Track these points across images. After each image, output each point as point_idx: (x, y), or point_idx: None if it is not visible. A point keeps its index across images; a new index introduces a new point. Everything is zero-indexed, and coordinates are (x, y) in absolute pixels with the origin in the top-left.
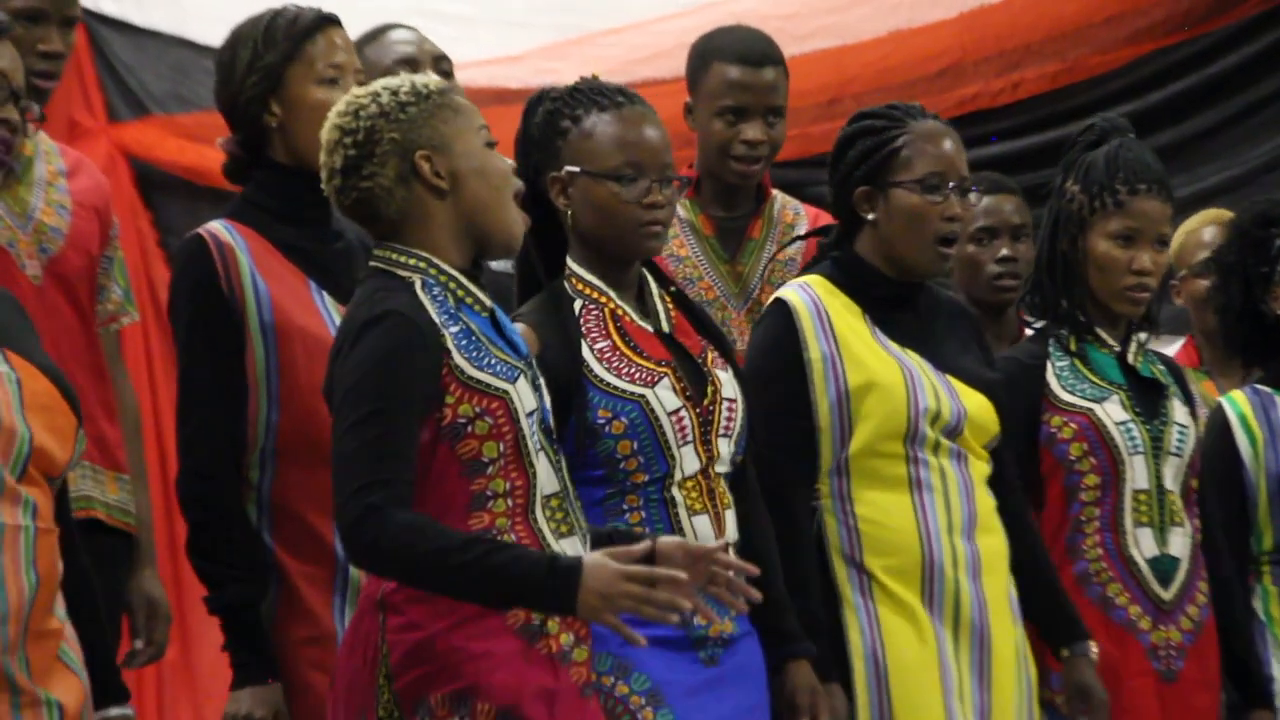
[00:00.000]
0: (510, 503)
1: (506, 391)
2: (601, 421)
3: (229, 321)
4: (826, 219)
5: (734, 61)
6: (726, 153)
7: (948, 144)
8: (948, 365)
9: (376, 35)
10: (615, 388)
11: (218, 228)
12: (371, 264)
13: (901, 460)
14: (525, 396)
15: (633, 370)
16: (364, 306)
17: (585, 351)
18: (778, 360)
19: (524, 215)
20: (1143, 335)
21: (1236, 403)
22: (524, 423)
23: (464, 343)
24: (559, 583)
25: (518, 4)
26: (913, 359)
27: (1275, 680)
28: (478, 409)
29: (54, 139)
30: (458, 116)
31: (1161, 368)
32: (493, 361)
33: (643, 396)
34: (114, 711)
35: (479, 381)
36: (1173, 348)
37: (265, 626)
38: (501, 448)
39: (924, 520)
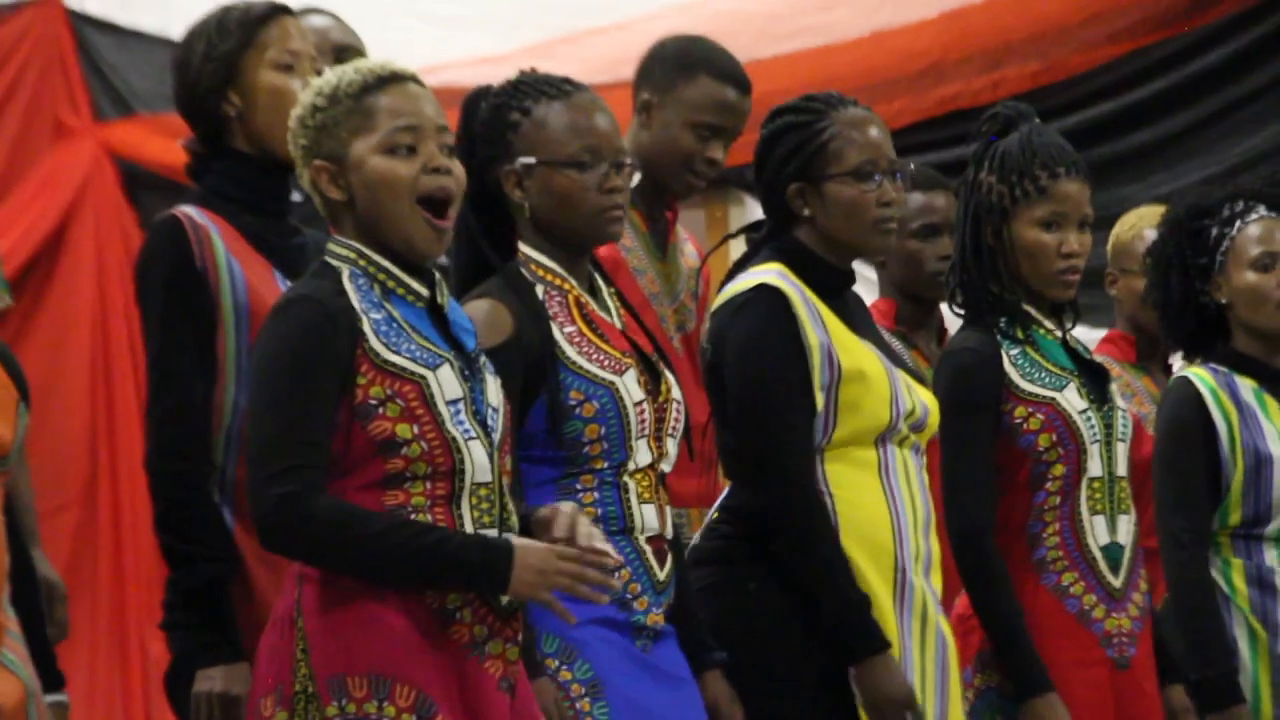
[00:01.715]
0: (430, 485)
1: (423, 377)
2: (573, 403)
3: (204, 301)
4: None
5: (728, 82)
6: (688, 165)
7: (874, 130)
8: (893, 360)
9: None
10: (588, 371)
11: (190, 210)
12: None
13: (873, 451)
14: (447, 384)
15: (602, 357)
16: (284, 293)
17: (555, 333)
18: (783, 342)
19: (444, 222)
20: (1069, 321)
21: (1205, 379)
22: (442, 409)
23: (384, 329)
24: (492, 560)
25: (504, 4)
26: (876, 349)
27: (1242, 662)
28: (389, 391)
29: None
30: (365, 122)
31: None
32: (412, 348)
33: (613, 384)
34: (49, 699)
35: (392, 365)
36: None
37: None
38: (417, 430)
39: (896, 514)
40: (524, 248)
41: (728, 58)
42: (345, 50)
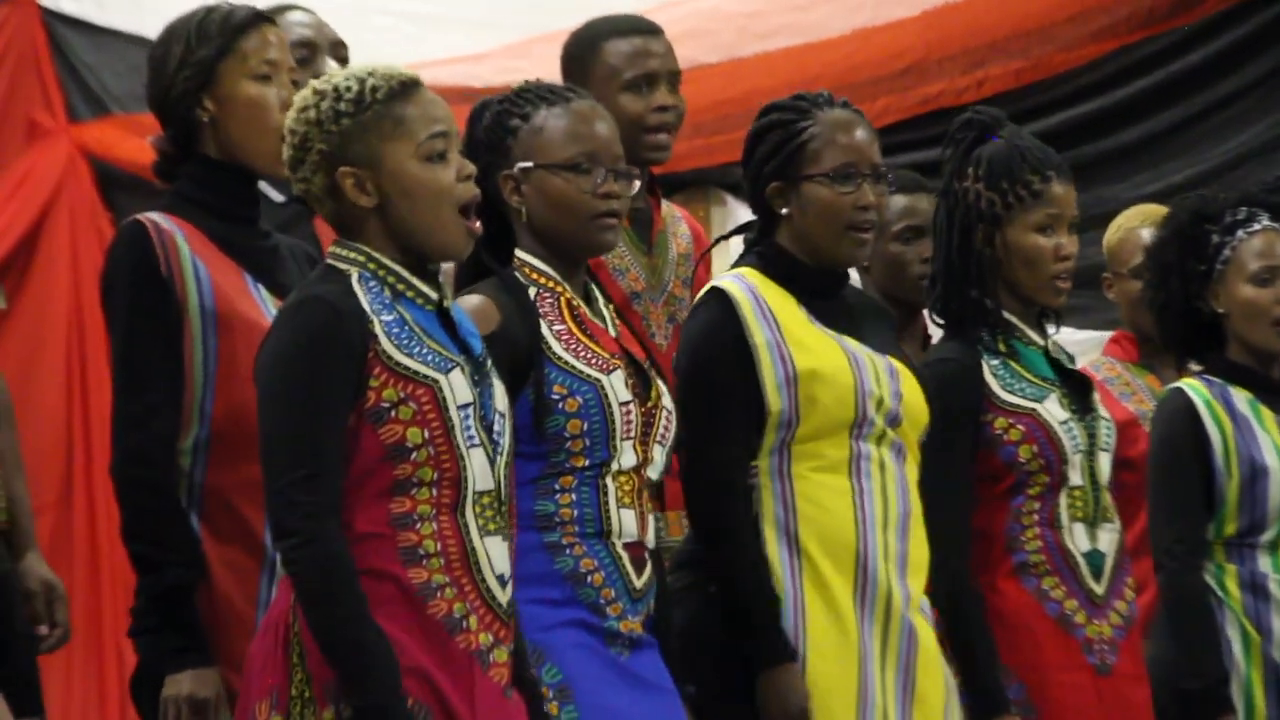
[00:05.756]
0: (436, 493)
1: (436, 380)
2: (556, 397)
3: (169, 305)
4: (699, 231)
5: (628, 34)
6: (641, 126)
7: (858, 133)
8: (884, 352)
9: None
10: (573, 367)
11: (156, 216)
12: (325, 259)
13: (846, 446)
14: (459, 389)
15: (589, 355)
16: (292, 294)
17: (544, 329)
18: (722, 345)
19: (472, 224)
20: (1052, 329)
21: (1199, 390)
22: (454, 414)
23: (395, 330)
24: (379, 706)
25: (482, 3)
26: (852, 343)
27: (1235, 665)
28: (402, 394)
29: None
30: (397, 129)
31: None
32: (424, 351)
33: (599, 381)
34: None
35: (406, 368)
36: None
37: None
38: (427, 434)
39: (861, 511)
40: (520, 253)
41: (619, 17)
42: (338, 45)
